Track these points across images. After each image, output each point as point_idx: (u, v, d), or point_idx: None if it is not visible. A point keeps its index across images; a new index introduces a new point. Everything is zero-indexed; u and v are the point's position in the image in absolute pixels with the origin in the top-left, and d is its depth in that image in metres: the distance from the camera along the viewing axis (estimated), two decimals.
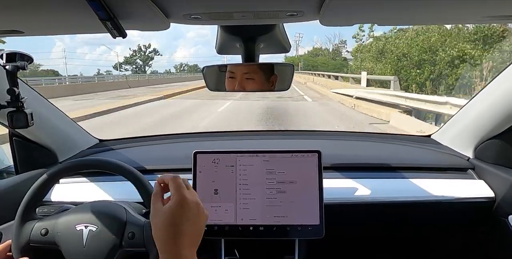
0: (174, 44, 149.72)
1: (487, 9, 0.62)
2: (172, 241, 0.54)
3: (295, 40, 74.91)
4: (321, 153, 1.00)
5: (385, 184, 1.13)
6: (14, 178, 1.14)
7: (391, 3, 0.59)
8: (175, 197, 0.57)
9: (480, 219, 1.11)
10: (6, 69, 0.80)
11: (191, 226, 0.56)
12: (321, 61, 51.38)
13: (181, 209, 0.56)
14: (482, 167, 1.15)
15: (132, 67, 63.81)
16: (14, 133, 1.15)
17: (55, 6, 0.58)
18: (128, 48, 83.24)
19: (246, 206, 0.99)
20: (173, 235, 0.55)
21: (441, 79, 13.44)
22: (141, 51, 64.11)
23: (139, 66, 64.27)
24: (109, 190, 1.13)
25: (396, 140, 1.46)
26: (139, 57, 64.19)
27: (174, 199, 0.57)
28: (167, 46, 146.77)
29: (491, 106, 1.06)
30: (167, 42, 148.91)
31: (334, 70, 35.94)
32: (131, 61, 63.61)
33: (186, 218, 0.56)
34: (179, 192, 0.58)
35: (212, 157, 1.01)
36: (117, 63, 62.01)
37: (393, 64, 15.51)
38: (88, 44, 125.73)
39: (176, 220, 0.55)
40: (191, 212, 0.57)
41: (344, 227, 1.13)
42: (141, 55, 64.11)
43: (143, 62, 64.23)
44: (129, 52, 66.57)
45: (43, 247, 0.86)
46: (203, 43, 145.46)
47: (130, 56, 64.58)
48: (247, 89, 0.94)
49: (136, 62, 64.08)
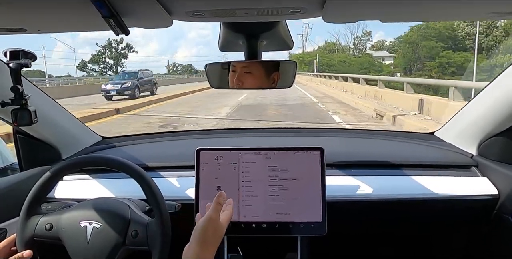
0: (175, 45, 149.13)
1: (492, 5, 0.62)
2: (198, 243, 0.73)
3: (303, 33, 64.56)
4: (323, 150, 1.00)
5: (388, 182, 1.13)
6: (18, 175, 1.15)
7: (394, 0, 0.59)
8: (207, 214, 0.76)
9: (483, 217, 1.11)
10: (9, 66, 0.81)
11: (211, 237, 0.74)
12: (340, 58, 41.82)
13: (206, 225, 0.74)
14: (485, 164, 1.14)
15: (100, 67, 53.42)
16: (18, 130, 1.15)
17: (58, 3, 0.58)
18: (95, 44, 68.72)
19: (249, 203, 1.00)
20: (198, 239, 0.73)
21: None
22: (111, 48, 53.12)
23: (109, 66, 53.74)
24: (113, 187, 1.13)
25: (399, 137, 1.45)
26: (109, 54, 53.50)
27: (205, 216, 0.76)
28: (168, 47, 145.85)
29: (495, 103, 1.05)
30: (167, 42, 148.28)
31: (361, 71, 28.75)
32: (98, 60, 53.03)
33: (209, 233, 0.74)
34: (209, 212, 0.76)
35: (215, 154, 1.01)
36: (81, 62, 52.36)
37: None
38: (90, 44, 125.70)
39: (203, 233, 0.73)
40: (213, 228, 0.74)
41: (346, 225, 1.13)
42: (112, 52, 53.52)
43: (115, 60, 53.56)
44: (96, 48, 54.58)
45: (47, 242, 0.87)
46: (204, 44, 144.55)
47: (98, 54, 53.21)
48: (246, 84, 0.94)
49: (105, 61, 53.63)
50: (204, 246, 0.72)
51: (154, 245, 0.84)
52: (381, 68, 35.25)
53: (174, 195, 1.05)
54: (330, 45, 52.89)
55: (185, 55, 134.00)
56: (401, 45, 26.65)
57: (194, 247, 0.71)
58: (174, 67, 76.88)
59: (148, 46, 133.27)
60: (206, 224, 0.74)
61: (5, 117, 1.03)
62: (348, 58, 42.77)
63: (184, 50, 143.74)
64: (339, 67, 37.31)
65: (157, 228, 0.85)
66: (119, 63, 54.10)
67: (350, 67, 36.15)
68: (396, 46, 41.86)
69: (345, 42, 55.65)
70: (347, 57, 43.94)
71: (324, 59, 42.78)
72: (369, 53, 47.58)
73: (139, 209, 0.92)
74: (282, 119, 8.81)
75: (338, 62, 39.96)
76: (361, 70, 30.96)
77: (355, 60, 41.60)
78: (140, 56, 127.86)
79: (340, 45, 52.11)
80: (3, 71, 0.88)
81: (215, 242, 0.74)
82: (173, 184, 1.15)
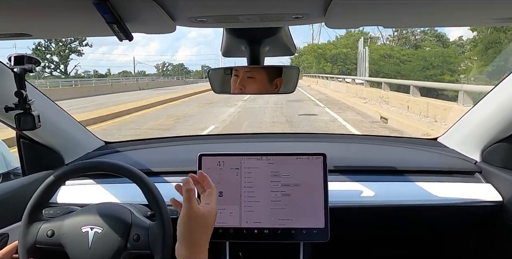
0: (175, 45, 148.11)
1: (494, 11, 0.62)
2: (184, 243, 0.67)
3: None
4: (326, 156, 1.00)
5: (391, 188, 1.13)
6: (21, 179, 1.15)
7: (397, 6, 0.59)
8: (183, 209, 0.67)
9: (487, 223, 1.10)
10: (14, 71, 0.81)
11: (199, 233, 0.66)
12: (383, 50, 26.56)
13: (188, 221, 0.66)
14: (489, 170, 1.14)
15: (41, 66, 39.44)
16: (21, 135, 1.16)
17: (63, 9, 0.58)
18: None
19: (251, 209, 0.99)
20: (184, 238, 0.66)
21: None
22: (57, 42, 39.67)
23: (54, 64, 40.92)
24: (115, 192, 1.13)
25: (402, 143, 1.45)
26: (54, 50, 40.52)
27: (183, 211, 0.67)
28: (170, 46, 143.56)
29: (498, 109, 1.05)
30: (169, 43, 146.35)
31: (425, 75, 16.57)
32: (40, 56, 37.10)
33: (193, 227, 0.66)
34: (187, 204, 0.67)
35: (217, 160, 1.01)
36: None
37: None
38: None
39: (186, 231, 0.66)
40: (197, 221, 0.67)
41: (349, 231, 1.12)
42: (59, 47, 40.42)
43: (61, 57, 40.79)
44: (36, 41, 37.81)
45: (49, 249, 0.87)
46: (205, 43, 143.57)
47: (37, 48, 39.11)
48: (248, 89, 0.95)
49: (48, 57, 40.58)
50: (191, 245, 0.65)
51: (156, 249, 0.83)
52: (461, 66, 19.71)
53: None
54: (351, 36, 33.83)
55: (186, 54, 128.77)
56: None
57: (181, 248, 0.66)
58: (163, 67, 69.85)
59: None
60: (186, 220, 0.66)
61: (9, 122, 1.03)
62: (397, 51, 25.84)
63: (185, 49, 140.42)
64: (384, 65, 23.33)
65: (159, 231, 0.84)
66: (67, 61, 41.68)
67: (404, 65, 22.05)
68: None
69: (373, 33, 36.26)
70: (393, 49, 27.36)
71: (351, 54, 28.76)
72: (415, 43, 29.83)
73: (140, 214, 0.92)
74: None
75: (380, 57, 24.87)
76: (430, 71, 18.59)
77: (413, 54, 24.28)
78: (98, 53, 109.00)
79: (369, 34, 33.52)
80: (7, 76, 0.89)
81: (203, 237, 0.67)
82: (175, 189, 1.15)
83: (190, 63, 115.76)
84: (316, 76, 28.69)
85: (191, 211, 0.66)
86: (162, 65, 71.38)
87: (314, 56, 34.41)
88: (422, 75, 13.99)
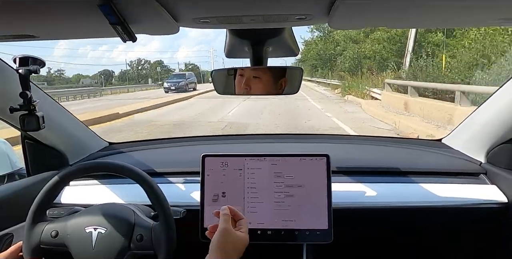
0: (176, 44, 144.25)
1: (502, 11, 0.61)
2: (219, 253, 0.73)
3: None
4: (329, 157, 0.99)
5: (395, 189, 1.12)
6: (26, 180, 1.16)
7: (402, 6, 0.59)
8: (219, 228, 0.76)
9: (492, 224, 1.09)
10: (19, 73, 0.82)
11: (231, 249, 0.74)
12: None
13: (221, 238, 0.74)
14: (494, 171, 1.13)
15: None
16: (26, 135, 1.16)
17: (68, 11, 0.59)
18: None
19: (254, 210, 0.99)
20: (218, 253, 0.73)
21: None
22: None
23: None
24: (118, 192, 1.13)
25: (406, 144, 1.44)
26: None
27: (218, 229, 0.76)
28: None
29: (503, 110, 1.04)
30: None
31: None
32: None
33: (226, 244, 0.74)
34: (224, 224, 0.77)
35: (220, 161, 1.01)
36: None
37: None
38: (91, 43, 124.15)
39: (219, 245, 0.73)
40: (230, 239, 0.75)
41: (353, 232, 1.12)
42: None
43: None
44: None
45: (53, 249, 0.87)
46: (205, 43, 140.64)
47: None
48: (253, 90, 0.94)
49: None
50: (222, 257, 0.72)
51: (159, 249, 0.84)
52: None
53: (179, 201, 1.05)
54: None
55: (186, 54, 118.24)
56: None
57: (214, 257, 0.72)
58: (138, 65, 55.34)
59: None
60: (223, 238, 0.74)
61: (14, 123, 1.04)
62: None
63: (185, 49, 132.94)
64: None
65: (162, 231, 0.85)
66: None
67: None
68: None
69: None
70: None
71: (362, 48, 20.04)
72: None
73: (144, 214, 0.92)
74: None
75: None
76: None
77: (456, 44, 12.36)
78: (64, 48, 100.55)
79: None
80: (12, 77, 0.90)
81: (234, 254, 0.74)
82: (178, 189, 1.15)
83: (172, 62, 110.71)
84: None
85: (228, 228, 0.76)
86: (136, 62, 57.99)
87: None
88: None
